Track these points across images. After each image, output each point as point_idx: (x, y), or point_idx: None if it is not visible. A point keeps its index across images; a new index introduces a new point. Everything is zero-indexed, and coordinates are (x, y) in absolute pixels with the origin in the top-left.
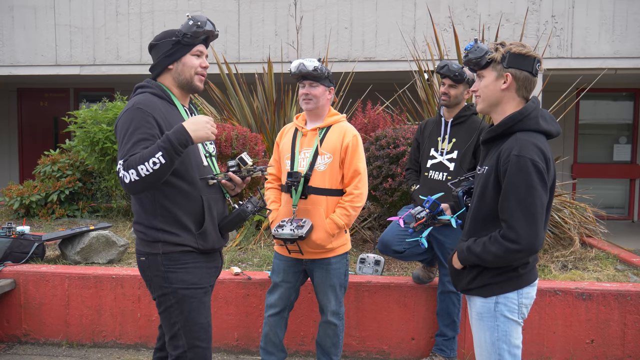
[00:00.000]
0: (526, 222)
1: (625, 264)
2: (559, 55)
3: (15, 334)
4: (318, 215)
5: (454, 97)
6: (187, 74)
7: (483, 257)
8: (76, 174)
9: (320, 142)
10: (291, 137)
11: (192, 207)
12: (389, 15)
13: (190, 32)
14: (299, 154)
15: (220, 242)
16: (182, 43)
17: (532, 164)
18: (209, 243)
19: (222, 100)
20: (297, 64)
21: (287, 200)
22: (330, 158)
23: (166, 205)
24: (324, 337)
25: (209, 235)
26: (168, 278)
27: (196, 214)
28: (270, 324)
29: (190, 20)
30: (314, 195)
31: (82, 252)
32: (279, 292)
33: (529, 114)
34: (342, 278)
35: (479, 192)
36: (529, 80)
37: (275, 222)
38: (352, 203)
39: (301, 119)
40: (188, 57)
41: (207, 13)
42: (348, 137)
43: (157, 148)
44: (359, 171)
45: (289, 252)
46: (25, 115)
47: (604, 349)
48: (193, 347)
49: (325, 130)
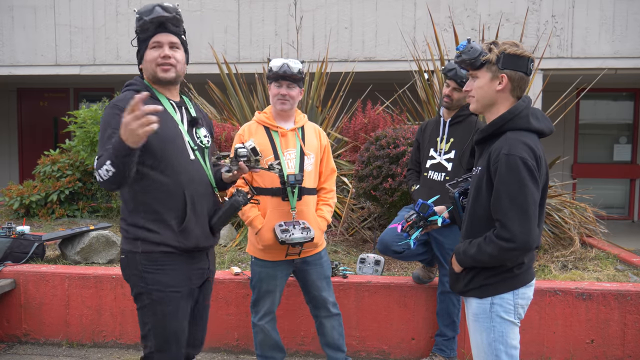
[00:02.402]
0: (519, 220)
1: (625, 264)
2: (559, 55)
3: (15, 334)
4: (311, 214)
5: (456, 100)
6: (150, 69)
7: (479, 258)
8: (76, 173)
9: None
10: (266, 137)
11: (173, 203)
12: (389, 15)
13: (138, 27)
14: (283, 155)
15: (207, 241)
16: (140, 40)
17: (521, 162)
18: (191, 241)
19: (222, 100)
20: (280, 63)
21: (277, 203)
22: (313, 158)
23: (147, 202)
24: (331, 332)
25: (191, 232)
26: (144, 278)
27: (178, 210)
28: (265, 330)
29: (136, 15)
30: (306, 196)
31: (82, 252)
32: (272, 298)
33: (519, 113)
34: (330, 268)
35: (474, 193)
36: (523, 80)
37: (265, 228)
38: (333, 199)
39: (270, 117)
40: (147, 53)
41: (207, 13)
42: (324, 136)
43: (107, 156)
44: (334, 169)
45: (285, 255)
46: (25, 115)
47: (604, 349)
48: (161, 350)
49: (301, 130)
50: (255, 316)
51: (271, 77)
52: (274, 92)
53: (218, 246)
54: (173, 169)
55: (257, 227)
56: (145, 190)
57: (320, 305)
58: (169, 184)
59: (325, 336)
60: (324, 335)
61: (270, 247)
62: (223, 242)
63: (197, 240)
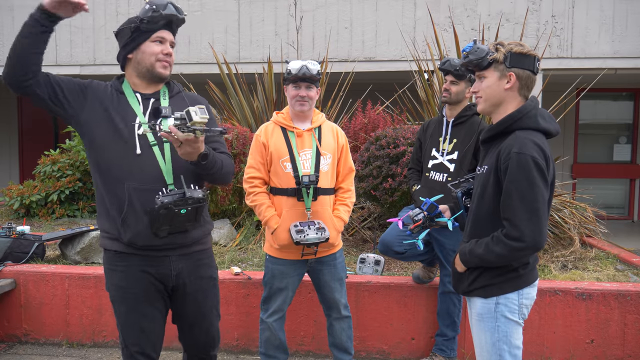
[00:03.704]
0: (529, 219)
1: (625, 264)
2: (559, 55)
3: (16, 334)
4: (327, 214)
5: (455, 94)
6: (146, 62)
7: (486, 257)
8: (76, 173)
9: (319, 143)
10: (282, 138)
11: (115, 198)
12: (389, 15)
13: (147, 17)
14: (299, 155)
15: (149, 240)
16: (140, 30)
17: (532, 161)
18: (128, 235)
19: (222, 100)
20: (299, 66)
21: (293, 204)
22: (330, 158)
23: (99, 199)
24: (340, 334)
25: (130, 226)
26: (106, 276)
27: (120, 204)
28: (272, 328)
29: (147, 4)
30: (321, 196)
31: (82, 252)
32: (283, 296)
33: (527, 112)
34: (345, 270)
35: (479, 192)
36: (530, 79)
37: (281, 228)
38: (351, 199)
39: (287, 118)
40: (147, 45)
41: (207, 13)
42: (342, 136)
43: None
44: (352, 168)
45: (301, 255)
46: (25, 115)
47: (604, 349)
48: (127, 346)
49: (318, 130)
50: (264, 313)
51: (290, 79)
52: (293, 93)
53: (218, 246)
54: (114, 165)
55: (272, 227)
56: (97, 187)
57: (332, 306)
58: (111, 181)
59: (334, 337)
60: (333, 336)
61: (285, 246)
62: (223, 242)
63: (137, 236)
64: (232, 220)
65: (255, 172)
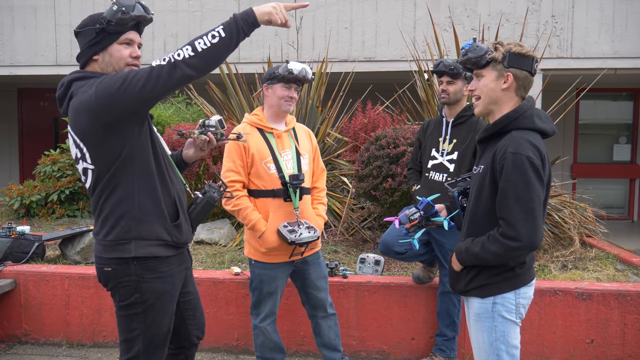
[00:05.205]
0: (525, 219)
1: (625, 264)
2: (558, 55)
3: (15, 334)
4: (310, 213)
5: (452, 93)
6: (115, 66)
7: (482, 256)
8: (76, 173)
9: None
10: (262, 139)
11: (170, 202)
12: (389, 15)
13: (115, 19)
14: (280, 156)
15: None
16: (107, 31)
17: (528, 161)
18: (183, 234)
19: (222, 100)
20: (300, 68)
21: (279, 204)
22: (307, 158)
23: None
24: (328, 333)
25: (182, 226)
26: (139, 287)
27: (173, 206)
28: (266, 332)
29: (115, 5)
30: (305, 196)
31: (82, 252)
32: (274, 300)
33: (524, 113)
34: (326, 269)
35: (476, 191)
36: (528, 79)
37: (269, 231)
38: (325, 198)
39: (263, 119)
40: (115, 47)
41: (207, 13)
42: (313, 137)
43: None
44: (324, 168)
45: (290, 256)
46: (25, 115)
47: (604, 349)
48: (149, 354)
49: (293, 131)
50: (255, 318)
51: (285, 79)
52: (282, 93)
53: (218, 246)
54: (162, 169)
55: (260, 230)
56: (132, 196)
57: (318, 306)
58: (163, 185)
59: (322, 337)
60: (321, 336)
61: (275, 249)
62: (223, 242)
63: (186, 234)
64: (232, 220)
65: (236, 175)
